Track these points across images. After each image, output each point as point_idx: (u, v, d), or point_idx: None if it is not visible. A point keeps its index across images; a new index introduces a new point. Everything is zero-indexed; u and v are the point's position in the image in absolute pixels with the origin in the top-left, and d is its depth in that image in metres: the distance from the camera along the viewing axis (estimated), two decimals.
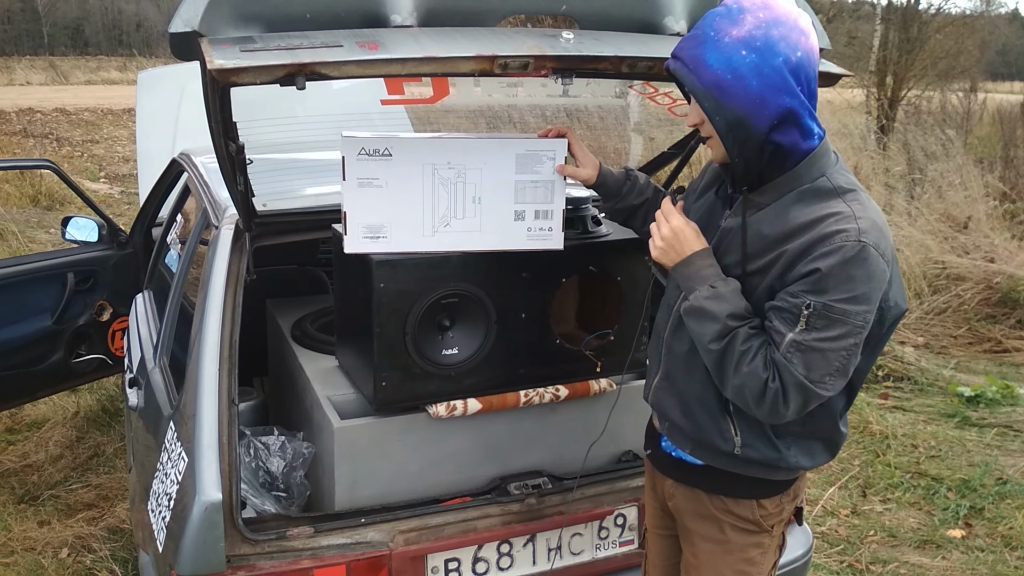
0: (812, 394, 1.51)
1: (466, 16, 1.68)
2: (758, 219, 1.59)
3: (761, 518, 1.75)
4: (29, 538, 3.34)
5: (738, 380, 1.54)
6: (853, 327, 1.48)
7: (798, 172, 1.56)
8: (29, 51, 37.24)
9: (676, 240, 1.65)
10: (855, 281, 1.46)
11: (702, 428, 1.71)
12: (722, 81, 1.47)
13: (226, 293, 2.11)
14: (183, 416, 2.02)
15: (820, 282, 1.46)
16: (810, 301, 1.47)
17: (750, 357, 1.52)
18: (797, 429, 1.66)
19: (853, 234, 1.47)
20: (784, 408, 1.52)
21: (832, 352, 1.49)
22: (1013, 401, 4.84)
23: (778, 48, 1.46)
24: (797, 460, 1.69)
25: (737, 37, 1.46)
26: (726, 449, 1.69)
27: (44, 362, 3.71)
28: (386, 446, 2.09)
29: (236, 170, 1.97)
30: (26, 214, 8.90)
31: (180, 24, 1.46)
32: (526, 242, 2.07)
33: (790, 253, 1.51)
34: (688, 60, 1.52)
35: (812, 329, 1.47)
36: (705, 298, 1.58)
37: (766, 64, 1.46)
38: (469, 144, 1.99)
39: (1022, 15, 29.29)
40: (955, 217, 6.97)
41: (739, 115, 1.49)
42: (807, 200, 1.55)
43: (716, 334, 1.56)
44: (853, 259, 1.46)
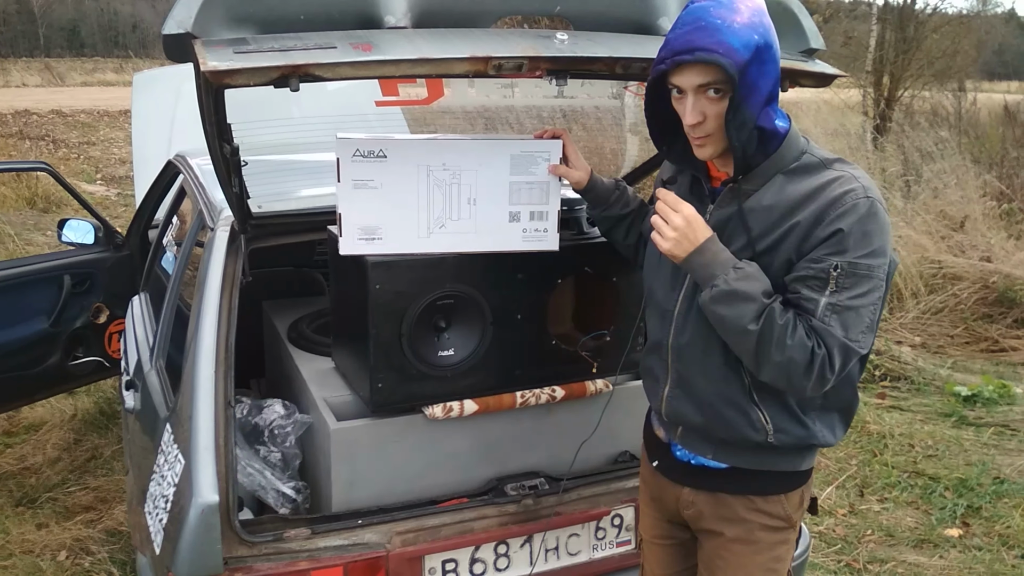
0: (852, 353, 1.53)
1: (460, 17, 1.68)
2: (757, 200, 1.61)
3: (791, 512, 1.75)
4: (27, 541, 3.34)
5: (784, 355, 1.52)
6: (878, 280, 1.53)
7: (780, 154, 1.60)
8: (25, 53, 37.16)
9: (690, 228, 1.60)
10: (872, 236, 1.51)
11: (729, 424, 1.68)
12: (745, 62, 1.48)
13: (222, 295, 2.11)
14: (179, 418, 2.02)
15: (842, 242, 1.50)
16: (836, 262, 1.50)
17: (791, 328, 1.52)
18: (820, 401, 1.68)
19: (860, 192, 1.52)
20: (831, 373, 1.53)
21: (864, 308, 1.53)
22: (1010, 400, 4.85)
23: (770, 35, 1.51)
24: (824, 436, 1.71)
25: (743, 23, 1.48)
26: (758, 439, 1.67)
27: (41, 365, 3.70)
28: (383, 447, 2.09)
29: (231, 172, 1.97)
30: (22, 216, 8.89)
31: (174, 26, 1.46)
32: (521, 243, 2.07)
33: (803, 223, 1.54)
34: (715, 46, 1.47)
35: (842, 289, 1.51)
36: (736, 280, 1.55)
37: (768, 49, 1.50)
38: (464, 145, 1.99)
39: (1019, 15, 29.34)
40: (951, 217, 6.97)
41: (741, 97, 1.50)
42: (799, 175, 1.59)
43: (755, 313, 1.53)
44: (867, 215, 1.51)
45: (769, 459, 1.71)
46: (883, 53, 12.08)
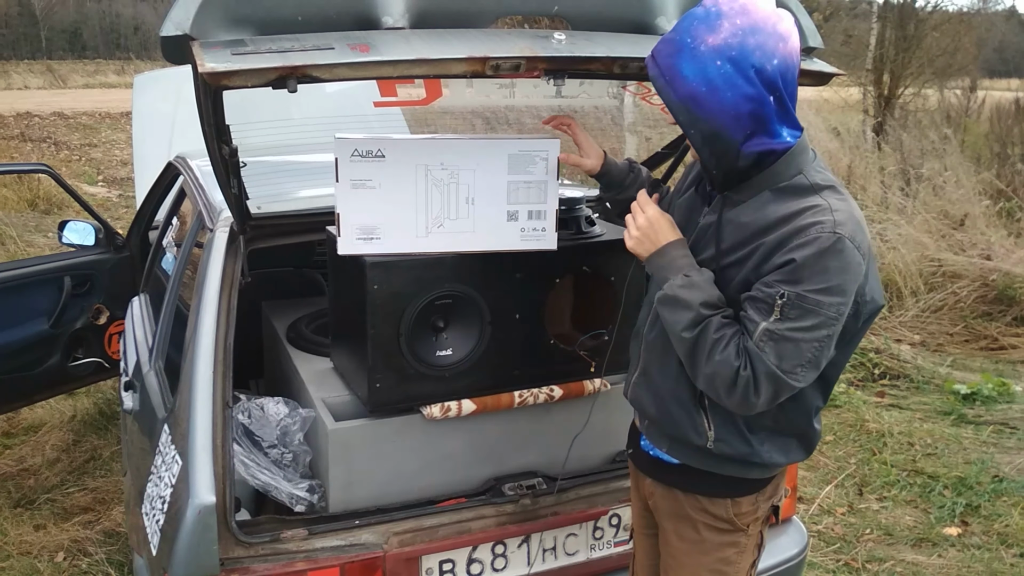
0: (783, 384, 1.51)
1: (458, 18, 1.68)
2: (735, 214, 1.60)
3: (735, 517, 1.75)
4: (25, 542, 3.34)
5: (710, 368, 1.54)
6: (826, 318, 1.48)
7: (775, 170, 1.56)
8: (27, 55, 37.20)
9: (651, 230, 1.66)
10: (830, 272, 1.47)
11: (676, 423, 1.71)
12: (697, 94, 1.47)
13: (221, 296, 2.11)
14: (177, 419, 2.02)
15: (795, 272, 1.47)
16: (784, 291, 1.47)
17: (722, 345, 1.53)
18: (770, 424, 1.67)
19: (829, 226, 1.47)
20: (755, 397, 1.52)
21: (805, 343, 1.49)
22: (1009, 398, 4.85)
23: (753, 58, 1.45)
24: (771, 456, 1.69)
25: (713, 45, 1.45)
26: (699, 443, 1.69)
27: (41, 366, 3.71)
28: (380, 448, 2.10)
29: (230, 173, 1.98)
30: (23, 218, 8.90)
31: (171, 27, 1.46)
32: (519, 242, 2.07)
33: (767, 245, 1.52)
34: (665, 70, 1.51)
35: (786, 319, 1.48)
36: (679, 286, 1.59)
37: (740, 74, 1.45)
38: (462, 145, 2.00)
39: (1019, 12, 29.33)
40: (951, 215, 6.97)
41: (714, 128, 1.49)
42: (784, 196, 1.55)
43: (689, 322, 1.56)
44: (828, 250, 1.46)
45: (716, 463, 1.71)
46: (883, 51, 12.06)
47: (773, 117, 1.50)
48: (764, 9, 1.48)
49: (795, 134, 1.56)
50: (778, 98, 1.49)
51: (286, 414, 2.21)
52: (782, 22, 1.48)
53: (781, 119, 1.52)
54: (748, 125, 1.49)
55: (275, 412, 2.22)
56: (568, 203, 2.23)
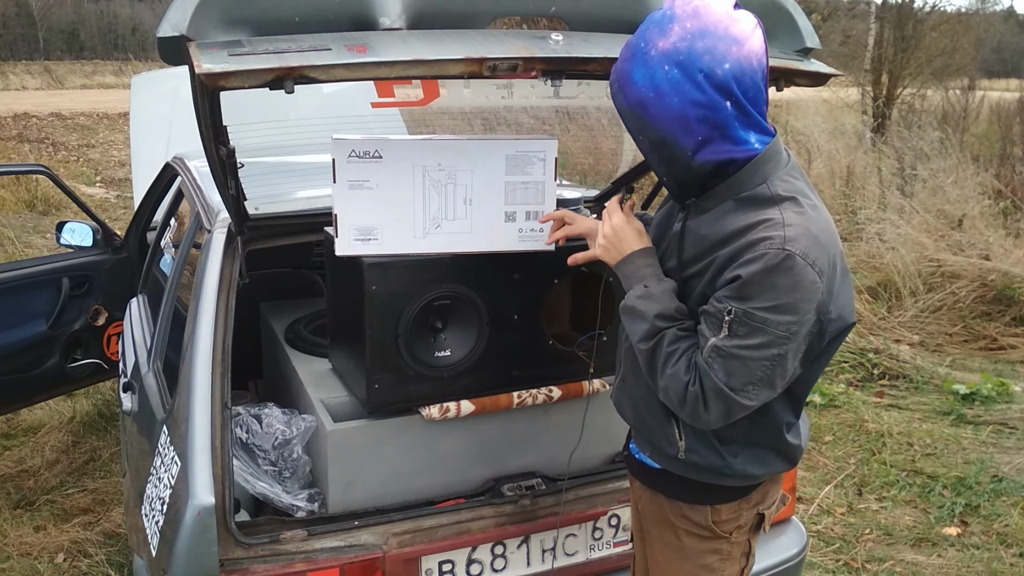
0: (733, 402, 1.48)
1: (455, 18, 1.68)
2: (698, 224, 1.58)
3: (714, 524, 1.71)
4: (25, 543, 3.34)
5: (663, 382, 1.54)
6: (776, 336, 1.44)
7: (739, 179, 1.51)
8: (25, 56, 37.15)
9: (616, 238, 1.67)
10: (778, 290, 1.42)
11: (651, 430, 1.71)
12: (644, 99, 1.45)
13: (219, 297, 2.11)
14: (176, 420, 2.02)
15: (741, 289, 1.44)
16: (732, 307, 1.45)
17: (675, 359, 1.52)
18: (741, 438, 1.64)
19: (778, 242, 1.43)
20: (705, 413, 1.50)
21: (753, 361, 1.45)
22: (1008, 398, 4.85)
23: (701, 62, 1.41)
24: (745, 468, 1.65)
25: (662, 50, 1.43)
26: (671, 453, 1.67)
27: (40, 367, 3.70)
28: (379, 448, 2.10)
29: (227, 174, 1.98)
30: (22, 219, 8.90)
31: (168, 28, 1.46)
32: (517, 243, 2.07)
33: (720, 259, 1.50)
34: (619, 75, 1.50)
35: (734, 336, 1.45)
36: (637, 297, 1.59)
37: (687, 79, 1.41)
38: (459, 145, 2.00)
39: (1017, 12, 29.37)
40: (950, 215, 6.97)
41: (661, 134, 1.46)
42: (744, 207, 1.51)
43: (645, 333, 1.56)
44: (776, 268, 1.42)
45: (693, 470, 1.68)
46: (882, 51, 12.08)
47: (733, 123, 1.46)
48: (716, 12, 1.43)
49: (764, 140, 1.51)
50: (736, 103, 1.44)
51: (284, 422, 2.21)
52: (736, 24, 1.43)
53: (745, 125, 1.47)
54: (699, 131, 1.45)
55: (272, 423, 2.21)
56: (566, 204, 2.23)
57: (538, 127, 5.49)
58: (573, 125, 5.91)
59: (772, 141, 1.52)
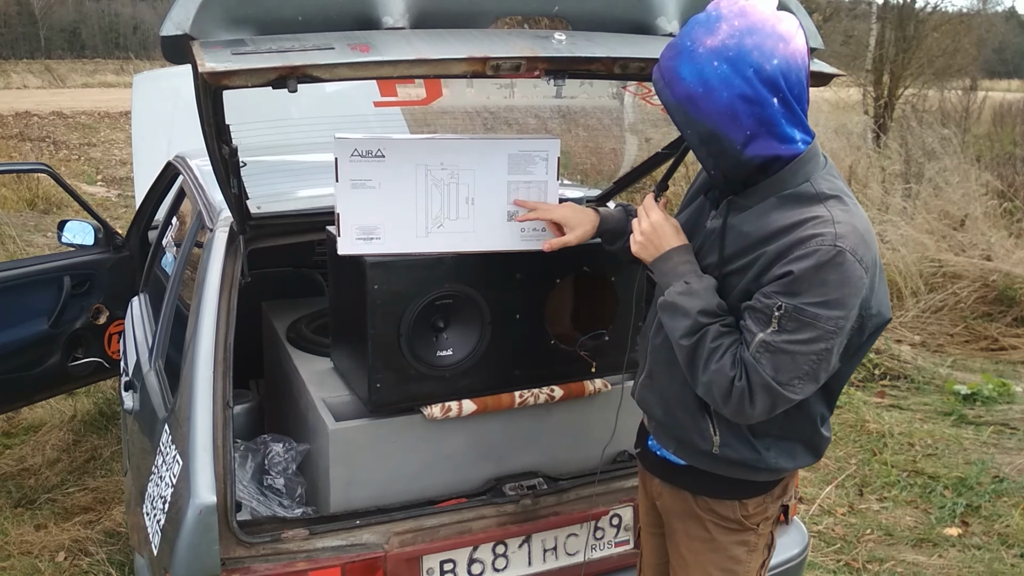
0: (779, 396, 1.50)
1: (458, 18, 1.68)
2: (740, 221, 1.59)
3: (743, 517, 1.75)
4: (26, 542, 3.34)
5: (706, 377, 1.55)
6: (824, 331, 1.47)
7: (782, 176, 1.54)
8: (26, 54, 37.19)
9: (655, 235, 1.67)
10: (828, 286, 1.45)
11: (682, 426, 1.72)
12: (694, 94, 1.47)
13: (220, 296, 2.11)
14: (178, 419, 2.02)
15: (792, 285, 1.46)
16: (782, 303, 1.47)
17: (719, 355, 1.53)
18: (775, 431, 1.66)
19: (829, 238, 1.46)
20: (750, 408, 1.52)
21: (801, 355, 1.48)
22: (1009, 399, 4.85)
23: (750, 58, 1.43)
24: (777, 462, 1.69)
25: (711, 47, 1.45)
26: (705, 448, 1.69)
27: (41, 366, 3.70)
28: (381, 448, 2.09)
29: (229, 173, 1.97)
30: (23, 218, 8.90)
31: (171, 27, 1.45)
32: (520, 242, 2.07)
33: (768, 256, 1.51)
34: (664, 72, 1.52)
35: (783, 331, 1.47)
36: (678, 293, 1.59)
37: (737, 75, 1.44)
38: (462, 145, 2.00)
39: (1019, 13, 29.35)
40: (952, 215, 6.97)
41: (710, 128, 1.48)
42: (788, 205, 1.54)
43: (687, 330, 1.57)
44: (827, 263, 1.45)
45: (721, 464, 1.71)
46: (883, 52, 12.08)
47: (780, 119, 1.48)
48: (763, 11, 1.47)
49: (807, 139, 1.54)
50: (782, 99, 1.47)
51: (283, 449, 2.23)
52: (782, 23, 1.47)
53: (791, 122, 1.50)
54: (748, 126, 1.47)
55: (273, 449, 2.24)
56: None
57: (540, 127, 5.49)
58: (575, 125, 5.91)
59: (813, 141, 1.56)
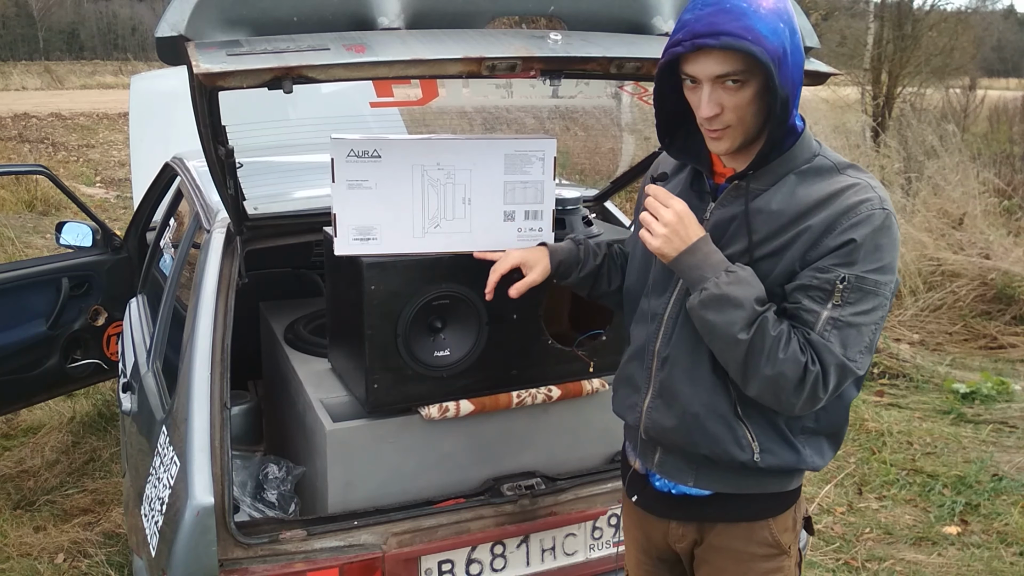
0: (849, 372, 1.44)
1: (454, 18, 1.68)
2: (764, 202, 1.50)
3: (780, 537, 1.65)
4: (25, 543, 3.34)
5: (774, 369, 1.42)
6: (884, 298, 1.44)
7: (793, 153, 1.49)
8: (24, 56, 37.17)
9: (681, 225, 1.50)
10: (883, 250, 1.43)
11: (715, 440, 1.56)
12: (777, 52, 1.37)
13: (218, 297, 2.11)
14: (175, 420, 2.02)
15: (853, 253, 1.41)
16: (844, 274, 1.41)
17: (784, 341, 1.42)
18: (811, 425, 1.58)
19: (877, 203, 1.43)
20: (823, 392, 1.44)
21: (865, 327, 1.43)
22: (1008, 397, 4.85)
23: (793, 23, 1.42)
24: (813, 460, 1.60)
25: (771, 8, 1.38)
26: (743, 458, 1.55)
27: (39, 367, 3.70)
28: (379, 448, 2.09)
29: (226, 174, 1.97)
30: (21, 219, 8.90)
31: (167, 28, 1.46)
32: (516, 242, 2.07)
33: (814, 229, 1.44)
34: (746, 32, 1.35)
35: (847, 304, 1.41)
36: (727, 284, 1.44)
37: (794, 39, 1.41)
38: (458, 145, 2.00)
39: (1017, 11, 29.36)
40: (951, 214, 6.97)
41: (784, 95, 1.40)
42: (811, 178, 1.48)
43: (745, 321, 1.43)
44: (881, 228, 1.42)
45: (753, 480, 1.60)
46: (881, 50, 12.08)
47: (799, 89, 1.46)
48: None
49: (802, 116, 1.51)
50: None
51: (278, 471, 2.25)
52: None
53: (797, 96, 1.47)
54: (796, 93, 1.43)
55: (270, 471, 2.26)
56: (563, 204, 2.23)
57: (538, 127, 5.49)
58: (573, 124, 5.91)
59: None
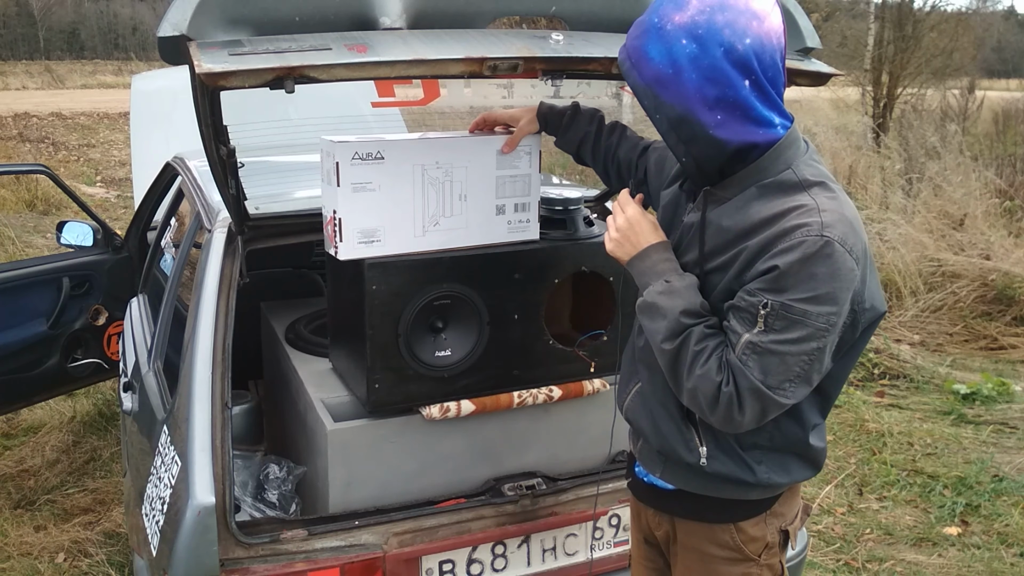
0: (770, 401, 1.39)
1: (455, 18, 1.68)
2: (719, 214, 1.48)
3: (742, 544, 1.60)
4: (25, 543, 3.34)
5: (691, 383, 1.43)
6: (815, 329, 1.35)
7: (761, 164, 1.43)
8: (25, 55, 37.20)
9: (631, 231, 1.56)
10: (817, 279, 1.34)
11: (667, 439, 1.58)
12: (662, 75, 1.36)
13: (219, 296, 2.11)
14: (176, 420, 2.02)
15: (778, 280, 1.34)
16: (767, 300, 1.35)
17: (704, 358, 1.41)
18: (765, 442, 1.54)
19: (815, 228, 1.34)
20: (739, 415, 1.40)
21: (791, 356, 1.36)
22: (1009, 398, 4.85)
23: (721, 36, 1.33)
24: (769, 477, 1.55)
25: (679, 24, 1.34)
26: (691, 461, 1.56)
27: (40, 367, 3.70)
28: (380, 448, 2.09)
29: (227, 173, 1.97)
30: (22, 219, 8.90)
31: (169, 28, 1.46)
32: (507, 235, 2.10)
33: (750, 250, 1.40)
34: (631, 52, 1.40)
35: (770, 330, 1.36)
36: (658, 293, 1.48)
37: (706, 54, 1.33)
38: (455, 143, 2.02)
39: (1018, 12, 29.35)
40: (951, 214, 6.97)
41: (680, 112, 1.37)
42: (770, 194, 1.42)
43: (669, 332, 1.45)
44: (815, 255, 1.33)
45: (710, 483, 1.58)
46: (882, 51, 12.09)
47: (753, 102, 1.37)
48: None
49: (786, 124, 1.44)
50: (755, 81, 1.36)
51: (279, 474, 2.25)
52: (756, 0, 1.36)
53: (766, 105, 1.39)
54: (719, 109, 1.36)
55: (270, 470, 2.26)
56: (565, 203, 2.24)
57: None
58: None
59: (793, 125, 1.46)
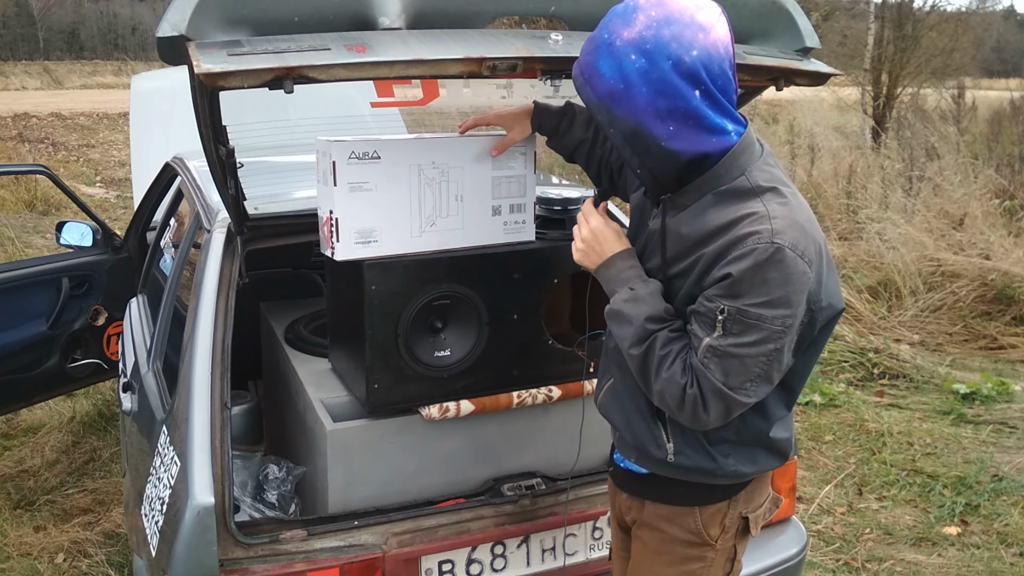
0: (733, 401, 1.46)
1: (454, 18, 1.68)
2: (678, 222, 1.53)
3: (703, 527, 1.68)
4: (25, 543, 3.34)
5: (659, 386, 1.51)
6: (771, 332, 1.42)
7: (716, 172, 1.48)
8: (24, 56, 37.20)
9: (596, 241, 1.63)
10: (770, 284, 1.40)
11: (637, 435, 1.67)
12: (614, 91, 1.41)
13: (218, 297, 2.11)
14: (176, 420, 2.02)
15: (733, 287, 1.41)
16: (724, 306, 1.42)
17: (669, 362, 1.49)
18: (732, 437, 1.61)
19: (766, 235, 1.41)
20: (705, 415, 1.48)
21: (750, 358, 1.44)
22: (1008, 398, 4.85)
23: (668, 49, 1.37)
24: (737, 468, 1.63)
25: (628, 39, 1.39)
26: (659, 456, 1.64)
27: (39, 367, 3.70)
28: (379, 448, 2.10)
29: (227, 174, 1.97)
30: (22, 219, 8.90)
31: (168, 28, 1.45)
32: (503, 236, 2.10)
33: (707, 257, 1.46)
34: (584, 69, 1.45)
35: (728, 334, 1.43)
36: (623, 301, 1.55)
37: (655, 68, 1.38)
38: (451, 143, 2.02)
39: (1017, 12, 29.37)
40: (951, 214, 6.97)
41: (632, 126, 1.42)
42: (725, 201, 1.48)
43: (635, 338, 1.52)
44: (766, 262, 1.40)
45: (681, 472, 1.65)
46: (881, 51, 12.09)
47: (705, 111, 1.42)
48: (681, 0, 1.41)
49: (739, 130, 1.48)
50: (704, 91, 1.40)
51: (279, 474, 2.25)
52: (701, 12, 1.40)
53: (718, 113, 1.43)
54: (670, 121, 1.41)
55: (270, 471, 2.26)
56: (565, 203, 2.24)
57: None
58: None
59: (746, 131, 1.50)
